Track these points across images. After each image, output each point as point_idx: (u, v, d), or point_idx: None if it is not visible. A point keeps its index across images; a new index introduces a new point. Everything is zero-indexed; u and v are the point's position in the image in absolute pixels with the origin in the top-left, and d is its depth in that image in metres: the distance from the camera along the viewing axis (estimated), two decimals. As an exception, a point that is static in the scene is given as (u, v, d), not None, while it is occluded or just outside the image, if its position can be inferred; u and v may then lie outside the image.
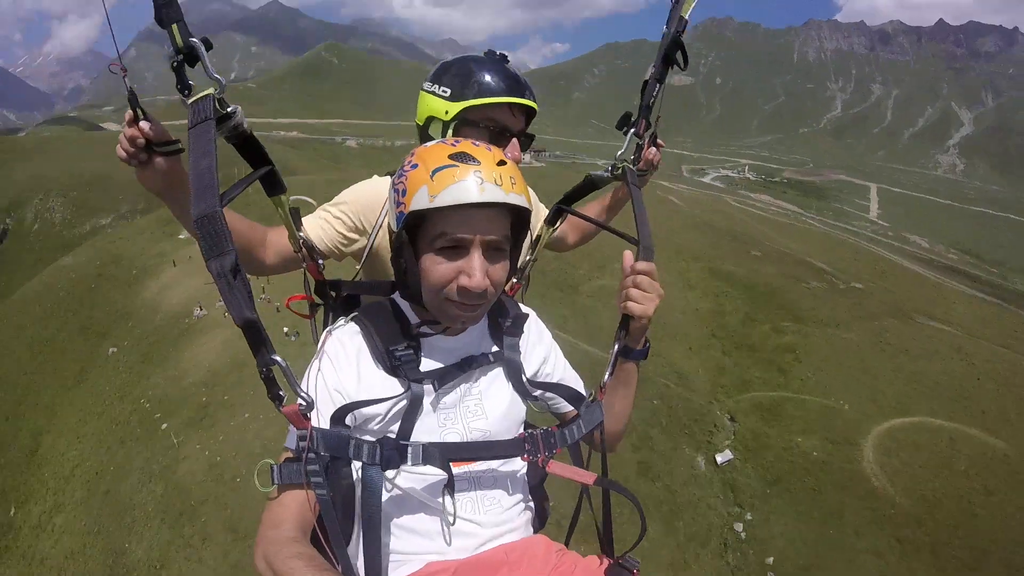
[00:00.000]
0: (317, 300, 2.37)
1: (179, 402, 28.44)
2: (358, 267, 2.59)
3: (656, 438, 30.32)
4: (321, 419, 1.72)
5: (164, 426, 27.13)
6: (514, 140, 2.47)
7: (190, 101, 1.56)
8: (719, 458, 29.82)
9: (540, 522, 2.18)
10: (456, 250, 1.71)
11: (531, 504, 2.08)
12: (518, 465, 2.00)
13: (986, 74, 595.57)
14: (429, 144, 1.79)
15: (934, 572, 22.58)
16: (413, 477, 1.80)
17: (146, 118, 1.75)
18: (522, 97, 2.42)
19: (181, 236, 51.66)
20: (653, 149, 2.88)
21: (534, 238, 2.79)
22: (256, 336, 1.48)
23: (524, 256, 2.73)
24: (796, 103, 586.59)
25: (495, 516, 1.89)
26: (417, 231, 1.74)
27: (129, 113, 1.73)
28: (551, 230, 2.71)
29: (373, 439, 1.74)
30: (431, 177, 1.64)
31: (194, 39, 1.55)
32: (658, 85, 2.48)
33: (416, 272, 1.76)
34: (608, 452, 2.16)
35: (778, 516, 26.09)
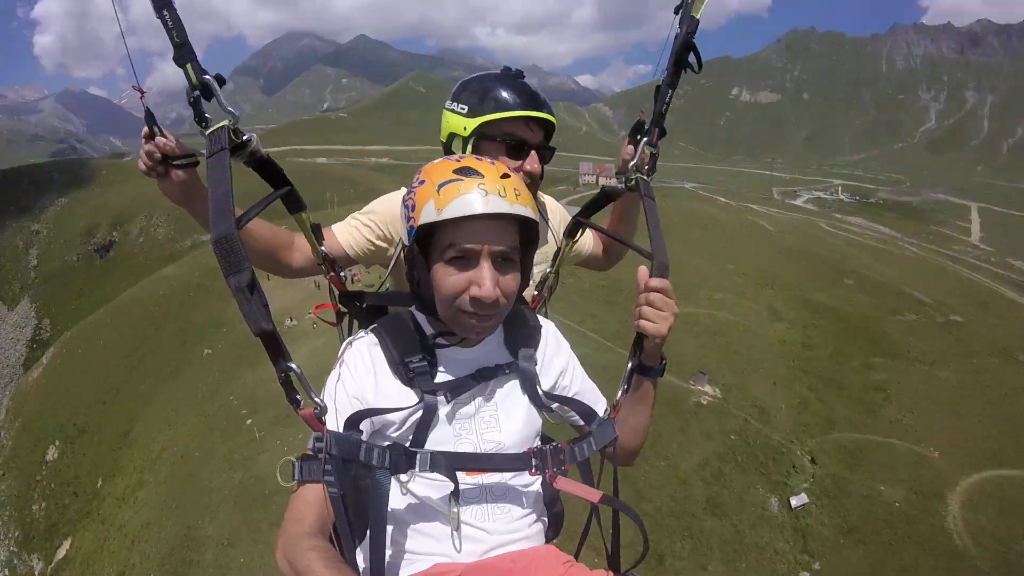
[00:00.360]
0: (342, 309, 2.42)
1: (265, 402, 30.48)
2: (386, 276, 2.67)
3: (729, 474, 29.70)
4: (337, 423, 1.78)
5: (249, 422, 29.42)
6: (533, 153, 2.54)
7: (207, 133, 1.67)
8: (794, 501, 28.84)
9: (555, 532, 2.22)
10: (466, 260, 1.75)
11: (544, 517, 2.10)
12: (530, 478, 2.02)
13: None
14: (436, 161, 1.87)
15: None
16: (424, 483, 1.85)
17: (161, 134, 1.92)
18: (537, 110, 2.49)
19: None
20: (650, 151, 2.73)
21: (554, 255, 2.77)
22: (273, 345, 1.59)
23: (544, 269, 2.78)
24: (888, 116, 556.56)
25: (504, 525, 1.92)
26: (428, 244, 1.80)
27: (145, 130, 1.90)
28: (571, 243, 2.68)
29: (385, 445, 1.81)
30: (437, 191, 1.71)
31: (208, 76, 1.66)
32: (670, 91, 2.42)
33: (429, 283, 1.81)
34: (622, 465, 2.17)
35: (849, 567, 25.18)
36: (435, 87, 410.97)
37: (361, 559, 1.79)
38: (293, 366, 1.60)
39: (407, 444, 1.82)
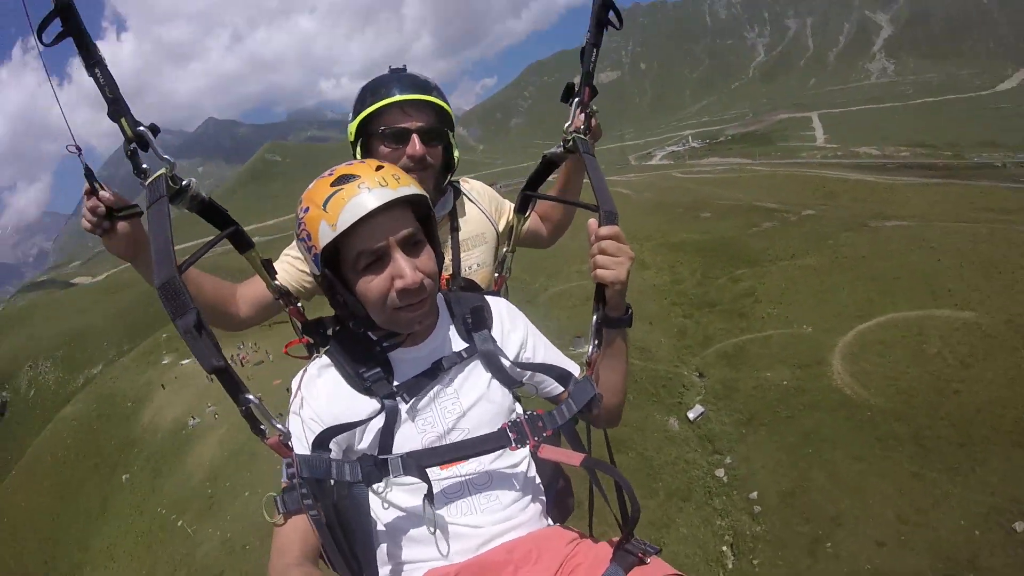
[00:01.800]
0: (310, 340, 2.27)
1: (190, 499, 32.36)
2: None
3: (626, 415, 30.43)
4: (304, 446, 1.78)
5: (180, 523, 31.08)
6: (413, 136, 2.43)
7: (147, 183, 1.69)
8: (691, 414, 30.04)
9: (562, 515, 2.15)
10: (379, 261, 1.74)
11: (541, 497, 2.04)
12: (513, 460, 1.96)
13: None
14: (311, 185, 1.82)
15: (919, 459, 22.92)
16: (402, 491, 1.82)
17: (102, 188, 1.88)
18: (407, 94, 2.41)
19: (164, 361, 56.91)
20: (587, 115, 2.71)
21: (508, 229, 2.80)
22: (229, 380, 1.58)
23: (502, 249, 2.78)
24: (720, 61, 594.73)
25: (493, 515, 1.86)
26: (338, 265, 1.79)
27: (87, 187, 1.87)
28: (523, 218, 2.70)
29: (355, 459, 1.79)
30: (324, 210, 1.68)
31: (141, 127, 1.70)
32: (595, 50, 2.41)
33: (355, 300, 1.80)
34: (607, 427, 2.16)
35: (757, 452, 26.30)
36: (291, 153, 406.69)
37: None
38: (251, 397, 1.61)
39: (375, 453, 1.80)
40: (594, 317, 2.05)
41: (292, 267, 2.51)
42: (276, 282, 2.32)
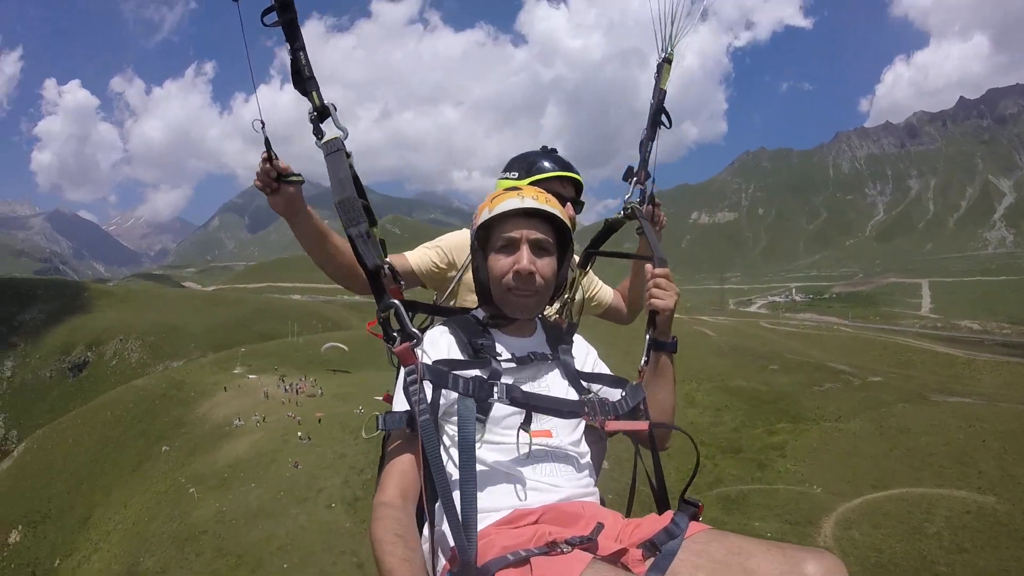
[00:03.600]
0: (412, 330, 2.33)
1: (207, 477, 36.55)
2: (446, 294, 3.18)
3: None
4: (426, 360, 2.07)
5: (191, 490, 35.19)
6: (568, 203, 3.09)
7: (322, 141, 2.14)
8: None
9: None
10: (511, 248, 2.20)
11: (597, 485, 2.31)
12: (583, 447, 2.25)
13: (1015, 136, 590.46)
14: (496, 187, 2.57)
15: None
16: (493, 447, 2.04)
17: (276, 158, 2.29)
18: (566, 171, 3.17)
19: (236, 371, 63.49)
20: (651, 207, 3.28)
21: (571, 282, 3.15)
22: (378, 282, 2.03)
23: (564, 297, 3.13)
24: (838, 216, 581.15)
25: (571, 481, 2.10)
26: (486, 243, 2.28)
27: (264, 153, 2.26)
28: (583, 272, 3.21)
29: (469, 375, 2.06)
30: (491, 202, 2.26)
31: (328, 102, 2.14)
32: (651, 143, 3.07)
33: (485, 270, 2.26)
34: (660, 448, 2.36)
35: None
36: (410, 228, 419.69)
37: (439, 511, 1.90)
38: (395, 302, 2.03)
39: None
40: (647, 336, 2.48)
41: (426, 256, 3.09)
42: (388, 260, 2.42)
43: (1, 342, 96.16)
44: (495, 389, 2.02)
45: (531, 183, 3.03)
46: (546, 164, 3.17)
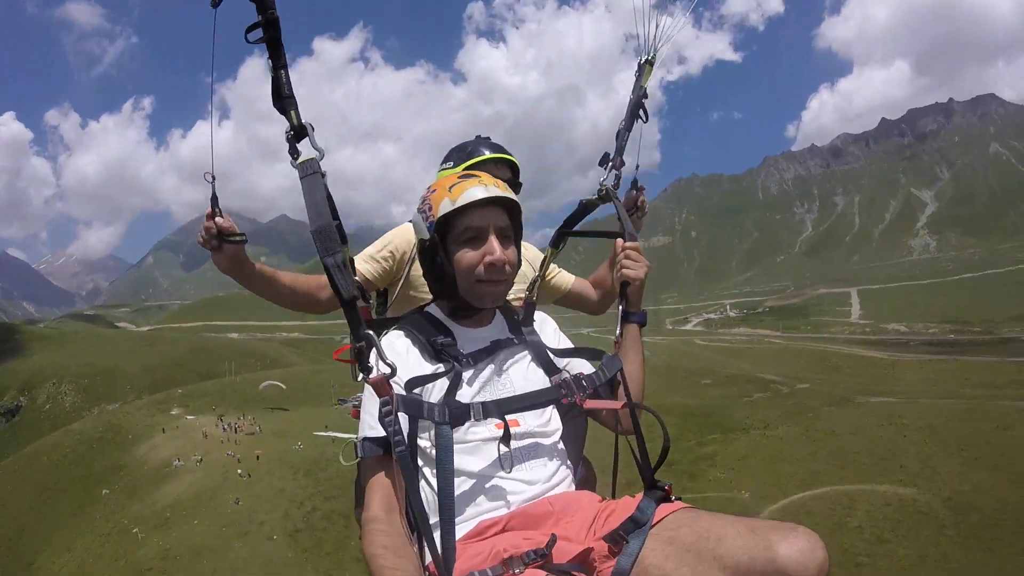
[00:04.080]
0: (389, 361, 2.16)
1: (150, 517, 37.60)
2: (396, 288, 3.17)
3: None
4: (397, 389, 1.97)
5: (135, 530, 36.11)
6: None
7: (298, 162, 1.99)
8: None
9: (588, 488, 2.38)
10: (478, 239, 2.11)
11: (574, 470, 2.31)
12: (552, 426, 2.22)
13: (935, 151, 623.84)
14: (439, 178, 2.43)
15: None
16: (463, 452, 2.01)
17: (220, 216, 2.30)
18: (501, 152, 3.24)
19: (173, 412, 63.74)
20: (637, 192, 3.34)
21: (542, 260, 3.17)
22: (353, 313, 1.93)
23: (533, 274, 3.10)
24: (769, 235, 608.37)
25: (540, 471, 2.08)
26: (445, 235, 2.14)
27: (208, 210, 2.27)
28: (554, 251, 3.14)
29: (439, 403, 2.01)
30: (449, 191, 2.11)
31: (306, 121, 2.01)
32: (627, 133, 3.07)
33: (450, 266, 2.14)
34: (637, 423, 2.29)
35: None
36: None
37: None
38: (370, 333, 1.93)
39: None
40: (619, 308, 2.52)
41: (372, 259, 3.10)
42: (357, 279, 2.31)
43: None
44: (471, 410, 2.02)
45: (468, 167, 3.15)
46: (482, 148, 3.28)
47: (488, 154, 3.22)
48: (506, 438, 1.99)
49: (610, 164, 3.06)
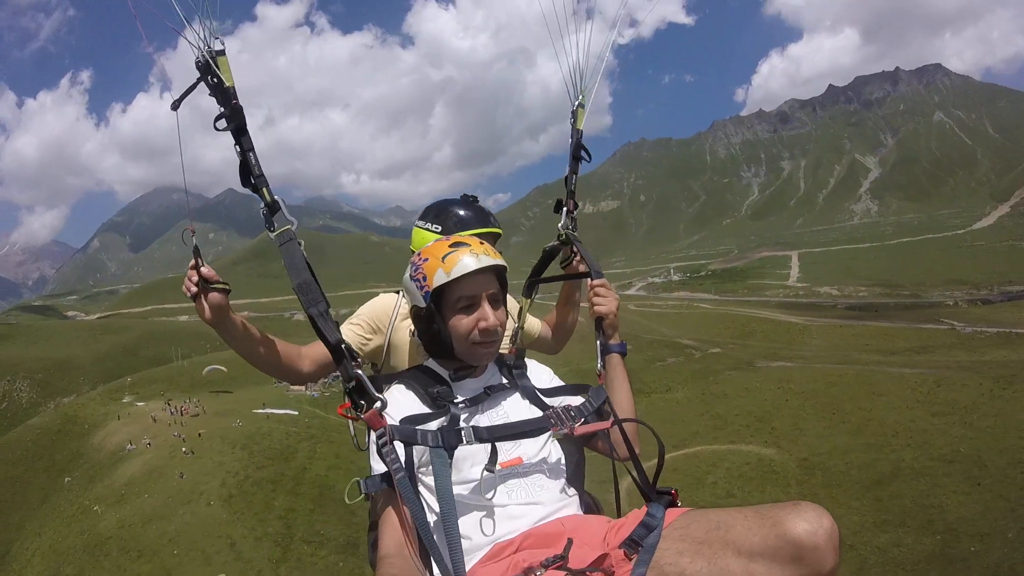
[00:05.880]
0: (377, 395, 2.23)
1: (108, 496, 43.33)
2: (379, 365, 3.16)
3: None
4: (392, 422, 2.13)
5: (96, 508, 41.82)
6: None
7: (275, 233, 2.23)
8: None
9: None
10: (471, 306, 2.27)
11: (580, 495, 2.39)
12: (555, 457, 2.33)
13: (880, 118, 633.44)
14: (429, 244, 2.46)
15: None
16: (463, 483, 2.12)
17: (203, 265, 2.35)
18: (488, 226, 3.24)
19: (125, 400, 69.28)
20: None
21: (518, 311, 3.26)
22: (340, 354, 2.10)
23: (515, 326, 3.23)
24: (716, 199, 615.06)
25: (548, 496, 2.17)
26: (440, 304, 2.29)
27: (192, 261, 2.33)
28: (529, 301, 3.24)
29: (434, 428, 2.13)
30: (442, 261, 2.25)
31: (277, 197, 2.23)
32: (574, 176, 3.23)
33: (447, 330, 2.30)
34: (632, 446, 2.43)
35: None
36: (300, 237, 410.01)
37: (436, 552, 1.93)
38: (360, 372, 2.09)
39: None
40: (598, 343, 2.74)
41: (351, 331, 3.05)
42: (343, 340, 2.40)
43: None
44: (463, 434, 2.08)
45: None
46: (466, 217, 3.24)
47: (475, 228, 3.19)
48: (493, 460, 2.09)
49: (564, 210, 3.24)
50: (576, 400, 2.47)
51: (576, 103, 3.25)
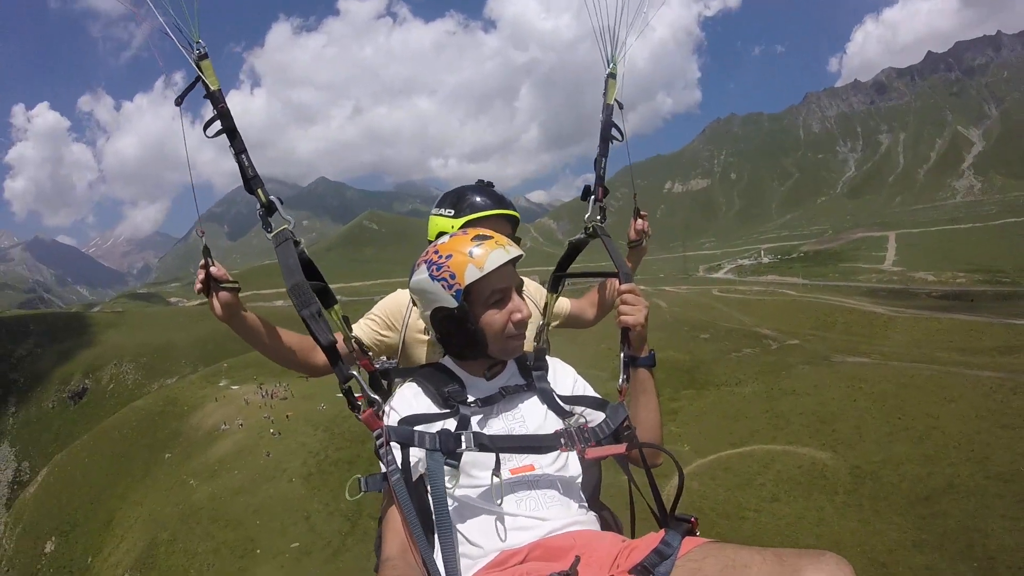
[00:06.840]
0: (373, 396, 2.24)
1: (202, 471, 47.92)
2: (395, 360, 3.02)
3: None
4: (391, 423, 2.15)
5: (191, 482, 46.40)
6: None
7: (271, 234, 2.25)
8: None
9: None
10: (502, 300, 2.24)
11: (593, 511, 2.28)
12: (571, 472, 2.25)
13: (984, 87, 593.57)
14: (446, 240, 2.34)
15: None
16: (470, 487, 2.10)
17: (214, 264, 2.41)
18: (504, 209, 3.16)
19: (221, 384, 73.67)
20: (640, 221, 3.37)
21: (543, 307, 3.20)
22: (334, 355, 2.09)
23: (540, 322, 3.17)
24: (810, 176, 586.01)
25: (559, 511, 2.09)
26: (469, 301, 2.20)
27: (203, 261, 2.40)
28: (555, 296, 3.13)
29: (434, 431, 2.11)
30: (472, 257, 2.17)
31: (273, 197, 2.27)
32: (604, 160, 3.02)
33: (481, 328, 2.23)
34: (653, 466, 2.33)
35: None
36: (387, 223, 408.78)
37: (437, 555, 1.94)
38: (354, 373, 2.10)
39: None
40: (621, 355, 2.53)
41: (367, 327, 3.06)
42: (353, 335, 2.65)
43: (2, 379, 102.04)
44: (462, 439, 2.06)
45: (467, 222, 3.11)
46: (481, 201, 3.18)
47: (488, 209, 3.17)
48: (498, 467, 2.04)
49: (592, 198, 3.05)
50: (596, 417, 2.38)
51: (607, 72, 3.08)
